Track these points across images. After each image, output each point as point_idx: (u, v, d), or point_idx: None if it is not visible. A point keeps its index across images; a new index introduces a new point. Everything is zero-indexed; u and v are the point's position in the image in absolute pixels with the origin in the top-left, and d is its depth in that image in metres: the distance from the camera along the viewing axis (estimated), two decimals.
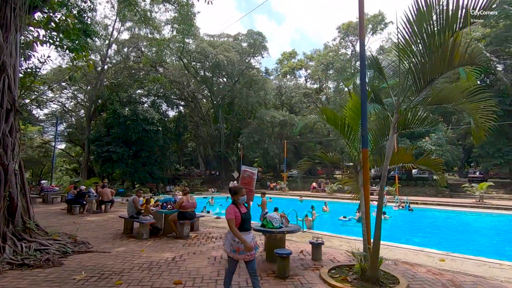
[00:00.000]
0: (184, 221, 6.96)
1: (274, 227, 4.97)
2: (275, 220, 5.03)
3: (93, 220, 9.92)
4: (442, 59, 3.77)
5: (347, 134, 5.18)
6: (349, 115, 5.12)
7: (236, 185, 3.69)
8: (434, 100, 4.32)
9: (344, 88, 36.10)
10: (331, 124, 5.41)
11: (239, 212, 3.40)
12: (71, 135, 41.05)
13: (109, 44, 33.06)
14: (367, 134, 4.94)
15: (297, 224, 5.49)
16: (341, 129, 5.24)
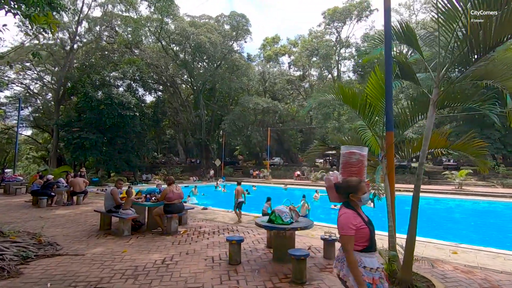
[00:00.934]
0: (171, 214, 6.09)
1: (284, 223, 4.26)
2: (285, 215, 4.31)
3: (63, 214, 8.75)
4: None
5: (368, 115, 4.49)
6: (371, 93, 4.43)
7: (352, 179, 2.41)
8: (476, 74, 3.70)
9: (328, 75, 35.80)
10: (348, 104, 4.70)
11: (364, 222, 2.18)
12: (37, 120, 37.92)
13: (78, 20, 30.24)
14: (392, 114, 4.27)
15: (308, 218, 4.82)
16: (361, 110, 4.54)
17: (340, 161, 2.92)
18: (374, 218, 6.55)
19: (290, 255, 3.65)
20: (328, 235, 4.63)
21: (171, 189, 6.18)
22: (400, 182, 26.82)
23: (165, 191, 6.14)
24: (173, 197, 6.13)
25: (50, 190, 10.06)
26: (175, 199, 6.17)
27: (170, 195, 6.10)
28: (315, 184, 26.58)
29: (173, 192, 6.15)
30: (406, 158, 4.19)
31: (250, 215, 9.72)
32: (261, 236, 6.09)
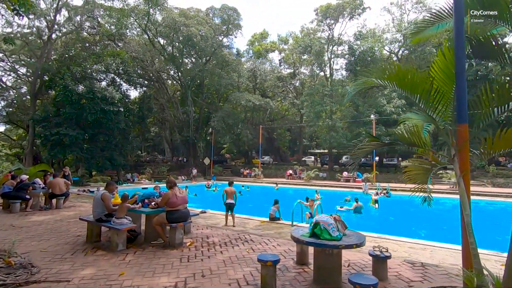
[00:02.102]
0: (176, 224, 5.07)
1: (334, 238, 3.37)
2: (332, 228, 3.43)
3: (40, 220, 7.49)
4: None
5: (434, 103, 3.63)
6: (438, 77, 3.58)
7: None
8: None
9: (319, 72, 35.31)
10: (405, 88, 3.83)
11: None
12: (11, 115, 35.28)
13: (57, 8, 28.12)
14: (466, 103, 3.45)
15: (357, 232, 3.97)
16: (423, 95, 3.66)
17: None
18: (378, 220, 5.60)
19: (353, 283, 2.77)
20: (378, 250, 3.80)
21: (174, 192, 5.15)
22: (393, 181, 26.68)
23: (167, 195, 5.12)
24: (177, 202, 5.11)
25: (25, 193, 8.71)
26: (180, 205, 5.16)
27: (173, 199, 5.08)
28: (309, 184, 26.00)
29: (177, 196, 5.13)
30: (486, 157, 3.37)
31: (255, 219, 8.82)
32: (283, 249, 5.19)
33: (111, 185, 5.42)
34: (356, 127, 28.52)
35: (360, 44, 29.80)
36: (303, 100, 32.06)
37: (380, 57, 30.23)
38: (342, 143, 27.95)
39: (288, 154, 45.63)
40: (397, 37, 31.99)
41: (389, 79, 3.92)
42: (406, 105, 27.59)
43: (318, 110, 29.58)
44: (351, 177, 26.05)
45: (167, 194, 5.11)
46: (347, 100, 6.93)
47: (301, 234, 3.59)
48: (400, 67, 3.75)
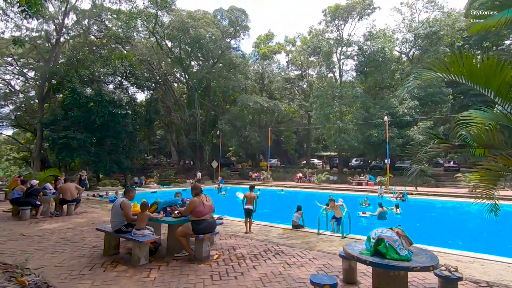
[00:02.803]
0: (203, 235, 4.59)
1: (402, 258, 2.84)
2: (399, 245, 2.90)
3: (52, 228, 7.07)
4: None
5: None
6: None
7: None
8: None
9: (328, 73, 34.76)
10: (477, 82, 3.28)
11: None
12: (19, 119, 35.34)
13: (65, 11, 28.08)
14: None
15: (421, 247, 3.43)
16: (503, 90, 3.12)
17: None
18: (403, 226, 4.98)
19: None
20: (447, 269, 3.26)
21: (200, 200, 4.67)
22: (406, 184, 25.92)
23: (194, 202, 4.63)
24: (204, 210, 4.62)
25: (35, 199, 8.31)
26: (207, 214, 4.67)
27: (200, 208, 4.60)
28: (320, 187, 25.38)
29: (204, 204, 4.65)
30: None
31: (277, 226, 8.31)
32: (321, 263, 4.67)
33: (130, 192, 4.95)
34: (367, 129, 27.86)
35: (370, 45, 29.22)
36: (312, 102, 31.52)
37: (391, 57, 29.58)
38: (353, 146, 27.32)
39: (296, 157, 45.02)
40: (408, 37, 31.35)
41: (456, 72, 3.39)
42: (419, 106, 26.90)
43: (328, 112, 29.02)
44: (364, 181, 25.39)
45: (194, 201, 4.63)
46: (405, 92, 6.23)
47: (359, 252, 3.08)
48: (471, 57, 3.22)
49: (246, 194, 7.89)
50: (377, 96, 32.11)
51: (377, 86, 32.82)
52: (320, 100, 29.99)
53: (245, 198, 7.79)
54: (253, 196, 7.79)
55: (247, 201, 7.73)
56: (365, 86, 31.63)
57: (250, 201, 7.71)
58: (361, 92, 28.34)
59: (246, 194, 7.89)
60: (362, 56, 29.81)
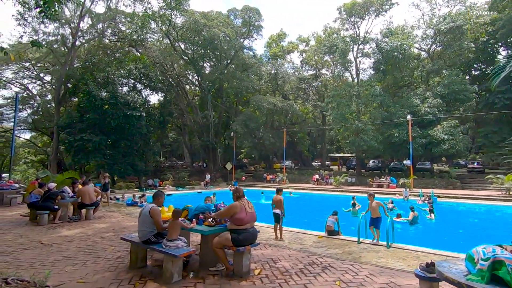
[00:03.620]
0: (243, 247, 3.98)
1: None
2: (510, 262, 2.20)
3: (71, 235, 6.61)
4: None
5: None
6: None
7: None
8: None
9: (344, 72, 33.84)
10: None
11: None
12: (36, 122, 35.92)
13: (81, 14, 28.25)
14: None
15: None
16: None
17: None
18: (443, 233, 3.96)
19: None
20: None
21: (242, 205, 4.07)
22: (429, 186, 24.71)
23: (234, 208, 4.02)
24: (245, 218, 4.02)
25: (53, 203, 7.91)
26: (248, 222, 4.06)
27: (241, 215, 3.99)
28: (338, 190, 24.46)
29: (246, 211, 4.05)
30: None
31: (309, 233, 7.63)
32: (383, 281, 3.98)
33: (159, 197, 4.37)
34: (387, 129, 26.80)
35: (388, 42, 28.16)
36: (328, 102, 30.65)
37: (411, 54, 28.44)
38: (372, 146, 26.28)
39: (310, 159, 44.08)
40: (428, 32, 30.10)
41: None
42: (443, 104, 25.67)
43: (345, 112, 28.11)
44: (385, 183, 24.34)
45: (235, 206, 4.02)
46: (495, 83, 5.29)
47: (466, 277, 2.38)
48: None
49: (275, 198, 7.29)
50: (396, 95, 30.96)
51: (396, 84, 31.68)
52: (336, 99, 29.11)
53: (273, 203, 7.19)
54: (281, 199, 7.17)
55: (276, 205, 7.14)
56: (383, 85, 30.53)
57: (279, 205, 7.11)
58: (380, 90, 27.32)
59: (274, 197, 7.29)
60: (380, 53, 28.78)
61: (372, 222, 7.15)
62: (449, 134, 24.29)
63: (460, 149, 24.44)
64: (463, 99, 26.05)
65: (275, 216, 7.08)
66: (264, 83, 37.93)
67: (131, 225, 7.74)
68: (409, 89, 29.66)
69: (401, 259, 5.43)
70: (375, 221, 7.03)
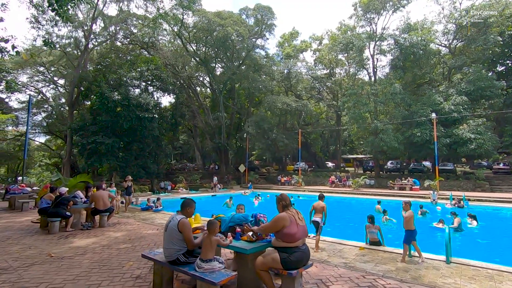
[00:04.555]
0: (296, 270, 3.16)
1: None
2: None
3: (84, 246, 5.93)
4: None
5: None
6: None
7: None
8: None
9: (360, 71, 32.68)
10: None
11: None
12: (50, 126, 36.13)
13: (93, 17, 28.15)
14: None
15: None
16: None
17: None
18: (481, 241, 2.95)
19: None
20: None
21: (291, 217, 3.25)
22: (455, 188, 23.33)
23: (282, 220, 3.19)
24: (297, 234, 3.20)
25: (65, 209, 7.28)
26: (300, 238, 3.25)
27: (292, 229, 3.17)
28: (357, 192, 23.33)
29: (297, 224, 3.24)
30: None
31: (349, 244, 6.72)
32: None
33: (189, 206, 3.55)
34: (408, 129, 25.55)
35: (407, 38, 26.95)
36: (344, 101, 29.57)
37: (432, 50, 27.14)
38: (392, 147, 25.06)
39: (324, 160, 42.90)
40: (449, 27, 28.71)
41: None
42: (468, 102, 24.27)
43: (363, 111, 27.00)
44: (407, 185, 23.10)
45: (282, 218, 3.21)
46: None
47: None
48: None
49: (315, 204, 6.47)
50: (416, 93, 29.63)
51: (415, 82, 30.36)
52: (353, 98, 28.03)
53: (313, 209, 6.37)
54: (323, 205, 6.33)
55: (316, 212, 6.31)
56: (401, 82, 29.24)
57: (320, 212, 6.28)
58: (400, 88, 26.11)
59: (314, 204, 6.46)
60: (399, 50, 27.58)
61: (410, 235, 5.97)
62: (476, 133, 22.89)
63: (489, 149, 23.01)
64: (489, 96, 24.60)
65: (314, 225, 6.26)
66: (276, 83, 37.10)
67: (149, 234, 7.03)
68: (430, 87, 28.28)
69: (471, 279, 4.52)
70: (410, 233, 5.85)
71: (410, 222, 5.79)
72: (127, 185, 11.49)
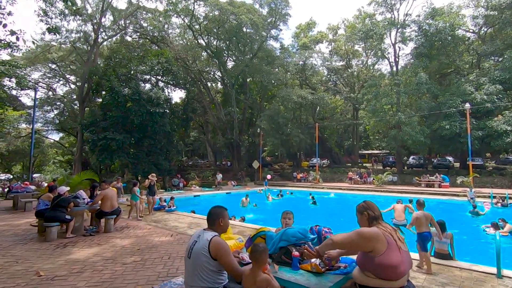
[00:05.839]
0: None
1: None
2: None
3: (82, 260, 4.83)
4: None
5: None
6: None
7: None
8: None
9: (379, 61, 30.86)
10: None
11: None
12: (62, 123, 35.90)
13: (102, 9, 27.36)
14: None
15: None
16: None
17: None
18: None
19: None
20: None
21: (387, 236, 1.99)
22: (489, 185, 21.42)
23: (373, 239, 1.93)
24: (401, 265, 1.95)
25: (64, 212, 6.24)
26: (405, 272, 1.99)
27: (393, 256, 1.93)
28: (380, 190, 21.75)
29: (399, 249, 1.98)
30: None
31: None
32: None
33: (223, 217, 2.24)
34: (435, 121, 23.74)
35: (432, 24, 24.99)
36: (364, 93, 27.88)
37: (460, 36, 25.13)
38: (418, 141, 23.31)
39: (341, 155, 41.19)
40: (478, 11, 26.51)
41: None
42: (503, 91, 22.27)
43: (385, 103, 25.31)
44: (435, 181, 21.40)
45: (374, 237, 1.93)
46: None
47: None
48: None
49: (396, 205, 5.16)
50: (442, 83, 27.66)
51: (440, 71, 28.37)
52: (373, 90, 26.34)
53: (393, 210, 5.14)
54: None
55: (396, 214, 5.16)
56: (426, 72, 27.30)
57: (400, 214, 5.08)
58: (426, 78, 24.26)
59: (395, 205, 5.22)
60: (424, 37, 25.66)
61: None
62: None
63: None
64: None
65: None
66: (290, 76, 35.59)
67: (161, 242, 5.90)
68: (459, 76, 26.26)
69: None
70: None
71: (421, 223, 4.83)
72: (149, 184, 10.32)
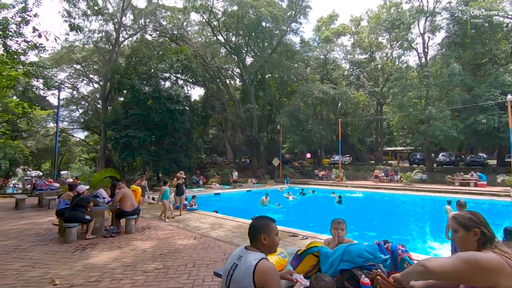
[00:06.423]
0: None
1: None
2: None
3: (101, 266, 4.47)
4: None
5: None
6: None
7: None
8: None
9: (407, 52, 29.12)
10: None
11: None
12: (87, 121, 36.97)
13: (122, 8, 27.63)
14: None
15: None
16: None
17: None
18: None
19: None
20: None
21: (505, 259, 1.34)
22: None
23: (493, 270, 1.28)
24: None
25: (84, 212, 5.97)
26: None
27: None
28: (410, 188, 20.48)
29: None
30: None
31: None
32: None
33: (271, 230, 1.68)
34: (470, 115, 22.05)
35: (465, 10, 23.14)
36: (390, 86, 26.43)
37: (499, 23, 23.14)
38: (451, 136, 21.75)
39: (364, 152, 39.68)
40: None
41: None
42: None
43: (414, 96, 23.84)
44: (471, 180, 19.84)
45: (497, 267, 1.29)
46: None
47: None
48: None
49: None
50: (477, 74, 25.71)
51: (475, 61, 26.38)
52: (400, 83, 24.89)
53: None
54: None
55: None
56: (459, 62, 25.45)
57: None
58: (460, 69, 22.54)
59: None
60: (457, 25, 23.86)
61: None
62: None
63: None
64: None
65: None
66: (311, 70, 34.54)
67: (185, 246, 5.47)
68: (497, 65, 24.26)
69: None
70: None
71: None
72: (177, 182, 9.86)
